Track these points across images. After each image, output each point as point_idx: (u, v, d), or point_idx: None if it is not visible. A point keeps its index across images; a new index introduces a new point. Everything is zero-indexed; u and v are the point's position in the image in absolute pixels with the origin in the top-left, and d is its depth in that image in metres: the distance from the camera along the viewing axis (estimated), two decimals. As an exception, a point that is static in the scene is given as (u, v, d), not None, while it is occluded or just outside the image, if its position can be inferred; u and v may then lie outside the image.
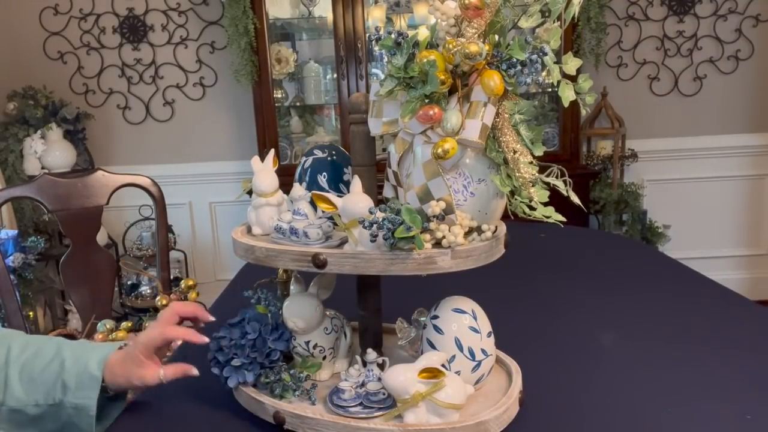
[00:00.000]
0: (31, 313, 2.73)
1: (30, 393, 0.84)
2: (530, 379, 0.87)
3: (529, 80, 0.74)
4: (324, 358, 0.91)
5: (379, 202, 0.84)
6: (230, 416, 0.87)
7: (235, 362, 0.86)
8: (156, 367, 0.86)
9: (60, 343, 0.89)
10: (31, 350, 0.87)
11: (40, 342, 0.89)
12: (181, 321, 0.89)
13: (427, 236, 0.75)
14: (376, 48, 1.14)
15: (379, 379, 0.81)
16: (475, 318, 0.84)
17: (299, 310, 0.87)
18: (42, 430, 0.87)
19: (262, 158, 0.94)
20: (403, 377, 0.76)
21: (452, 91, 0.76)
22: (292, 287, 0.92)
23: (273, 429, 0.83)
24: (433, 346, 0.83)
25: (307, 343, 0.89)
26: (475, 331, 0.83)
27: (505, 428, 0.79)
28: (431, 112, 0.74)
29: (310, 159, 0.95)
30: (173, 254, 3.17)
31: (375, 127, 0.83)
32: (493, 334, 0.86)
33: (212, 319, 0.88)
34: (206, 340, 0.87)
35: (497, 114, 0.75)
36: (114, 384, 0.86)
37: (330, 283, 0.92)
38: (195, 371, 0.87)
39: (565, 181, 0.78)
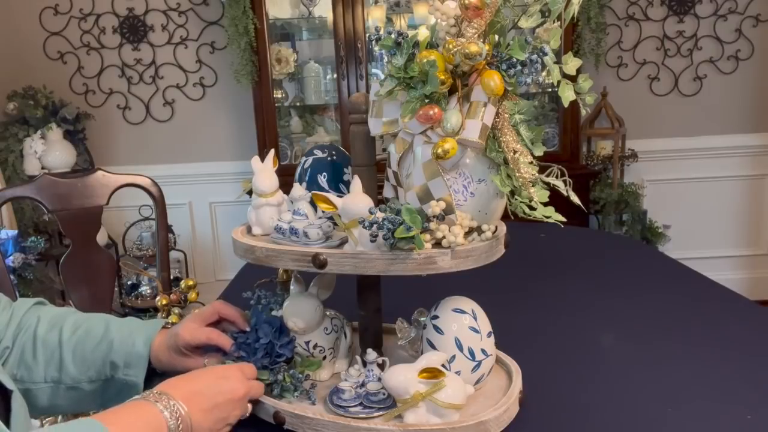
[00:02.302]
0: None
1: (83, 371, 0.90)
2: (530, 379, 0.87)
3: (529, 80, 0.74)
4: (324, 358, 0.90)
5: (379, 202, 0.84)
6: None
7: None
8: (199, 358, 0.91)
9: (108, 322, 0.94)
10: (82, 330, 0.92)
11: (90, 321, 0.94)
12: (219, 319, 0.94)
13: (427, 236, 0.75)
14: (376, 48, 1.14)
15: (379, 379, 0.81)
16: (475, 318, 0.84)
17: (299, 310, 0.87)
18: (99, 402, 0.93)
19: (262, 158, 0.94)
20: (403, 377, 0.76)
21: (452, 91, 0.76)
22: (292, 287, 0.92)
23: (273, 429, 0.83)
24: (433, 346, 0.83)
25: (307, 343, 0.89)
26: (475, 331, 0.83)
27: (505, 428, 0.79)
28: (431, 112, 0.73)
29: (310, 159, 0.95)
30: (173, 254, 3.17)
31: (375, 127, 0.83)
32: (493, 334, 0.86)
33: (248, 329, 0.91)
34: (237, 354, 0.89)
35: (497, 114, 0.75)
36: (158, 365, 0.92)
37: (330, 283, 0.92)
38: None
39: (565, 181, 0.78)
